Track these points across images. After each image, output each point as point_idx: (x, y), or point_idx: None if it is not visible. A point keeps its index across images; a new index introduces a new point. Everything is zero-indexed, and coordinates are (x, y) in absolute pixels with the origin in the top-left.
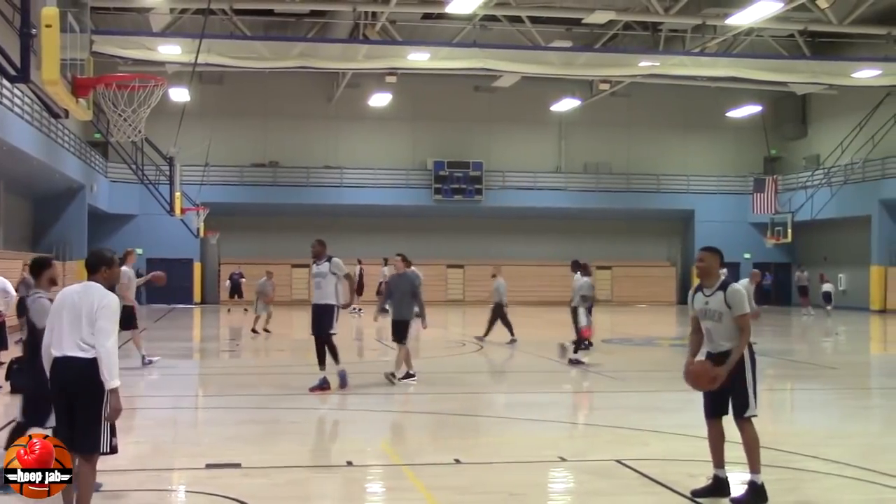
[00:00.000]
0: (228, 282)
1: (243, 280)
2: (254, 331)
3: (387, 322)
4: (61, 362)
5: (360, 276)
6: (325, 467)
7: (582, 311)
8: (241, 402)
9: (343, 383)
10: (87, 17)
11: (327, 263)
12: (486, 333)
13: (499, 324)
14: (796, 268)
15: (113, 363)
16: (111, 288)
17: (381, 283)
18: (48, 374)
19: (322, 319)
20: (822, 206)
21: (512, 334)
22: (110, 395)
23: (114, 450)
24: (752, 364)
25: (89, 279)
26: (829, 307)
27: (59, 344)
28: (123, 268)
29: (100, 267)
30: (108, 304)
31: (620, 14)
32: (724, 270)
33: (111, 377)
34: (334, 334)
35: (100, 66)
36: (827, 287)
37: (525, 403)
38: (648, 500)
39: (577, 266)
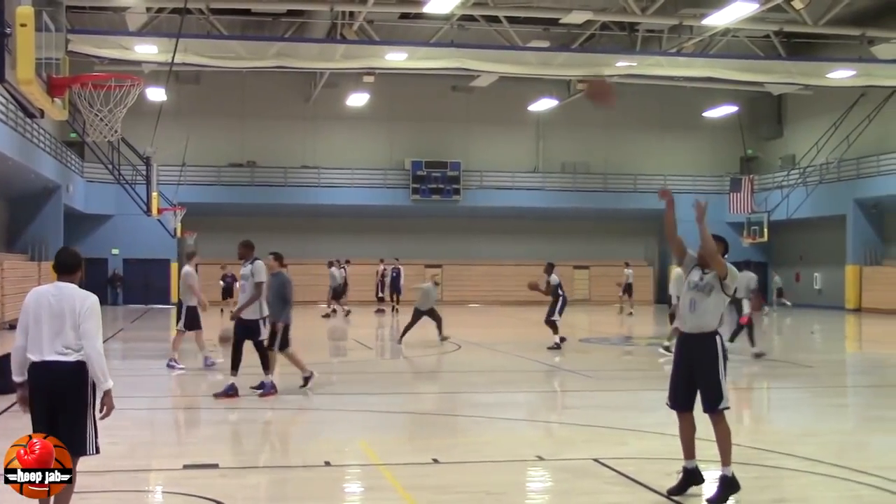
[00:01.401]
0: (221, 282)
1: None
2: None
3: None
4: (42, 367)
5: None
6: (302, 467)
7: (745, 303)
8: (219, 403)
9: (265, 392)
10: (62, 16)
11: (250, 266)
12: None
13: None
14: (772, 267)
15: (104, 364)
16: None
17: (379, 282)
18: (19, 376)
19: (253, 330)
20: (797, 206)
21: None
22: (104, 396)
23: (98, 450)
24: (723, 357)
25: (63, 279)
26: (783, 301)
27: (39, 348)
28: (187, 268)
29: (78, 268)
30: (91, 305)
31: (597, 14)
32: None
33: (105, 378)
34: (263, 340)
35: (76, 65)
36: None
37: (503, 403)
38: (626, 499)
39: (550, 268)
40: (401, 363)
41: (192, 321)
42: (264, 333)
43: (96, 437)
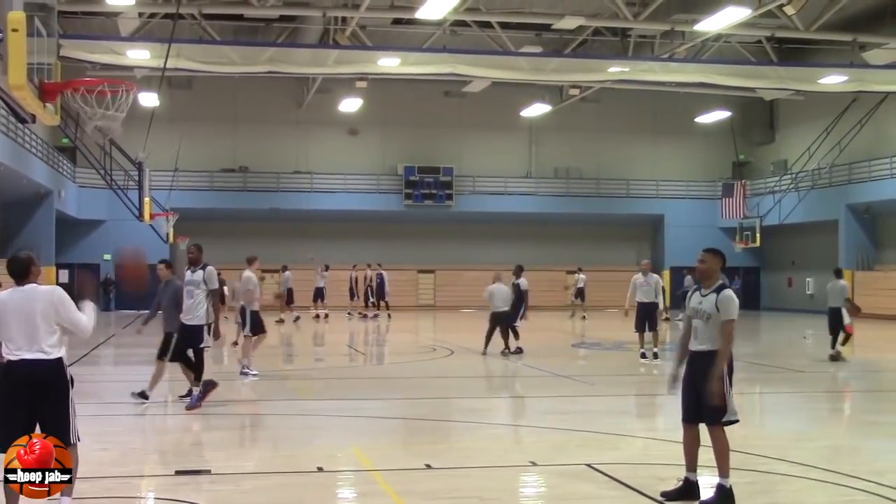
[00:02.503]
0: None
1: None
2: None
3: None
4: (22, 365)
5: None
6: (295, 473)
7: (845, 312)
8: (211, 409)
9: (194, 402)
10: (54, 21)
11: (201, 272)
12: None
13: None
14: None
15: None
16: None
17: (367, 288)
18: None
19: (191, 338)
20: (789, 211)
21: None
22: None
23: (79, 437)
24: (728, 370)
25: (23, 283)
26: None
27: (15, 348)
28: (247, 273)
29: (30, 268)
30: (60, 295)
31: (590, 20)
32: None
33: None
34: (207, 348)
35: (67, 70)
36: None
37: (496, 408)
38: None
39: (519, 270)
40: (392, 369)
41: (256, 325)
42: (208, 341)
43: (76, 424)
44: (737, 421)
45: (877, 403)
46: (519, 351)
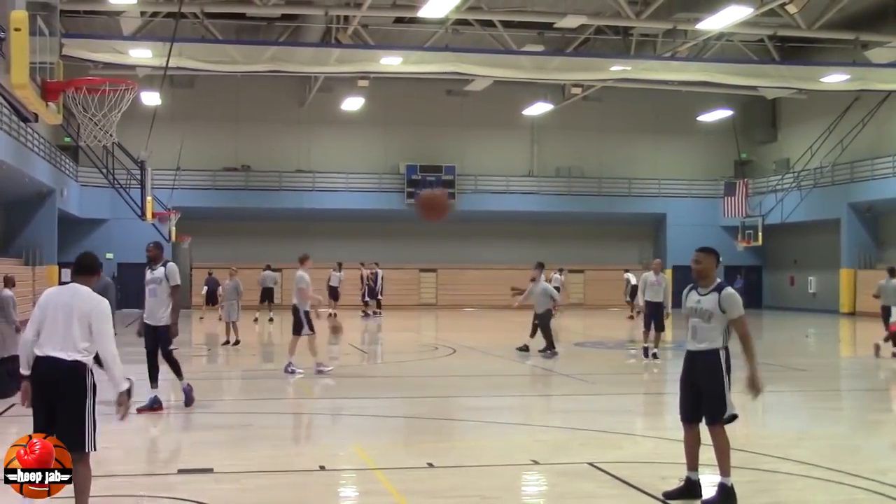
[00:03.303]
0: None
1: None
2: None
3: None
4: (45, 361)
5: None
6: (297, 472)
7: (894, 310)
8: (214, 407)
9: (188, 400)
10: (56, 20)
11: (163, 269)
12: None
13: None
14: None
15: (119, 365)
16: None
17: (366, 286)
18: (26, 369)
19: (159, 337)
20: (791, 210)
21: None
22: (119, 397)
23: (96, 447)
24: (726, 370)
25: (79, 281)
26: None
27: (46, 344)
28: (300, 272)
29: (96, 272)
30: (104, 308)
31: (592, 18)
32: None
33: (120, 379)
34: (175, 349)
35: (70, 69)
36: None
37: (498, 407)
38: (621, 503)
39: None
40: (395, 367)
41: (300, 325)
42: (175, 342)
43: (95, 433)
44: (736, 416)
45: (879, 402)
46: (525, 349)
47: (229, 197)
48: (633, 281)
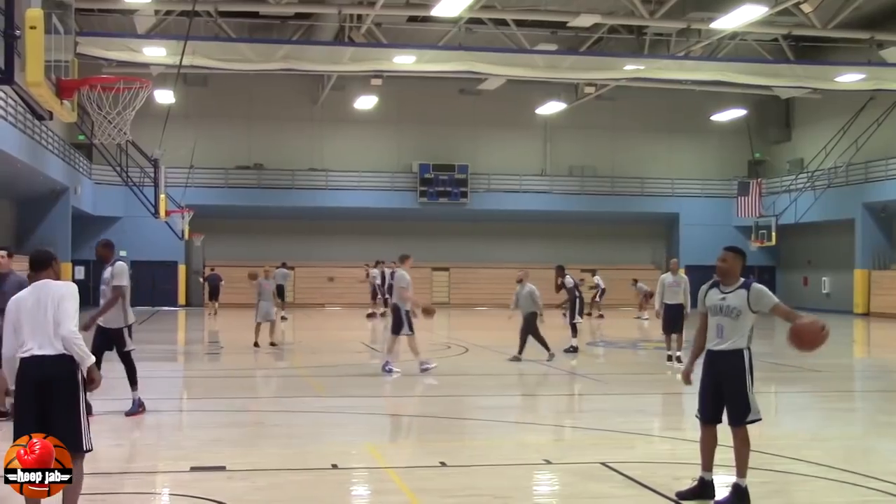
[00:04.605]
0: (206, 283)
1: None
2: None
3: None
4: (32, 360)
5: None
6: (309, 470)
7: None
8: (226, 405)
9: (131, 410)
10: (71, 18)
11: (111, 268)
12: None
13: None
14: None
15: (79, 343)
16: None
17: (373, 286)
18: (12, 378)
19: (116, 339)
20: (805, 210)
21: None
22: (89, 372)
23: (92, 447)
24: (750, 371)
25: (38, 277)
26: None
27: (28, 345)
28: (400, 271)
29: (50, 262)
30: (68, 290)
31: (605, 17)
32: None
33: (84, 355)
34: (132, 350)
35: (84, 67)
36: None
37: (510, 406)
38: (634, 503)
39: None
40: (406, 366)
41: (400, 324)
42: (130, 344)
43: (90, 432)
44: (759, 419)
45: (893, 404)
46: (574, 348)
47: (242, 195)
48: (646, 288)
